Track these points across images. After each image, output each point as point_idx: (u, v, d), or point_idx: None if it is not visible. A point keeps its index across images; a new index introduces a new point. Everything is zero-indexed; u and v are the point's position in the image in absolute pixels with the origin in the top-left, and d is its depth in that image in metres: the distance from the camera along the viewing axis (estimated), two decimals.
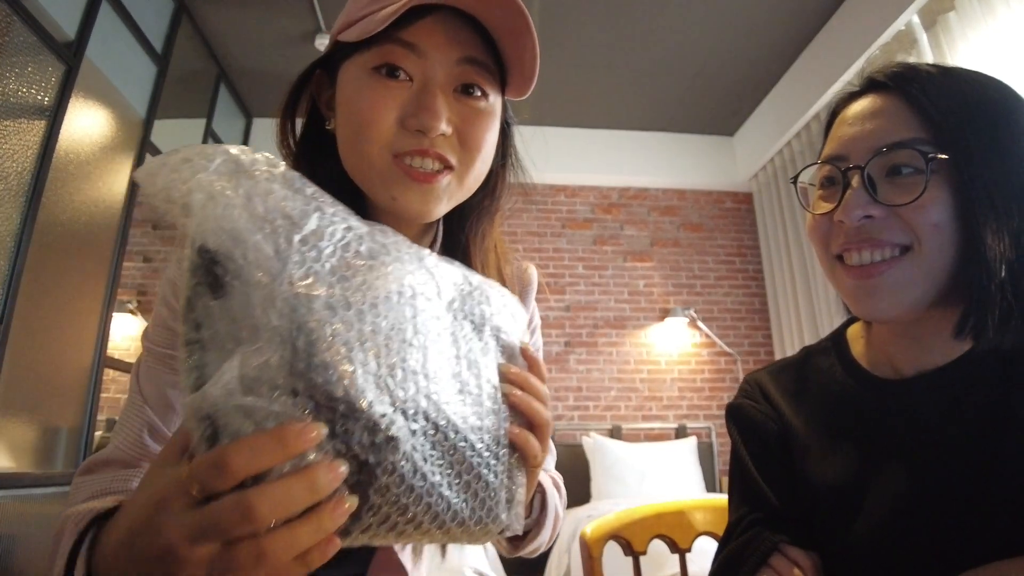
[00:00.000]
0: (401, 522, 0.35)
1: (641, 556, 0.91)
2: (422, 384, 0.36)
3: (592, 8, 2.89)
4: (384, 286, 0.36)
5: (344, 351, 0.32)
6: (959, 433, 0.53)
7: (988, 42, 2.20)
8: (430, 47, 0.51)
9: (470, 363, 0.41)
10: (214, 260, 0.32)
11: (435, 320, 0.39)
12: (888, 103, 0.55)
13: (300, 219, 0.34)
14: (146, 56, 2.55)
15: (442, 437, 0.36)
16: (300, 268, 0.32)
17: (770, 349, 3.83)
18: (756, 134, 3.83)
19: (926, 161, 0.51)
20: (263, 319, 0.31)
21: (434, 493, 0.35)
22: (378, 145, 0.51)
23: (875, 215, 0.53)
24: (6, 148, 1.79)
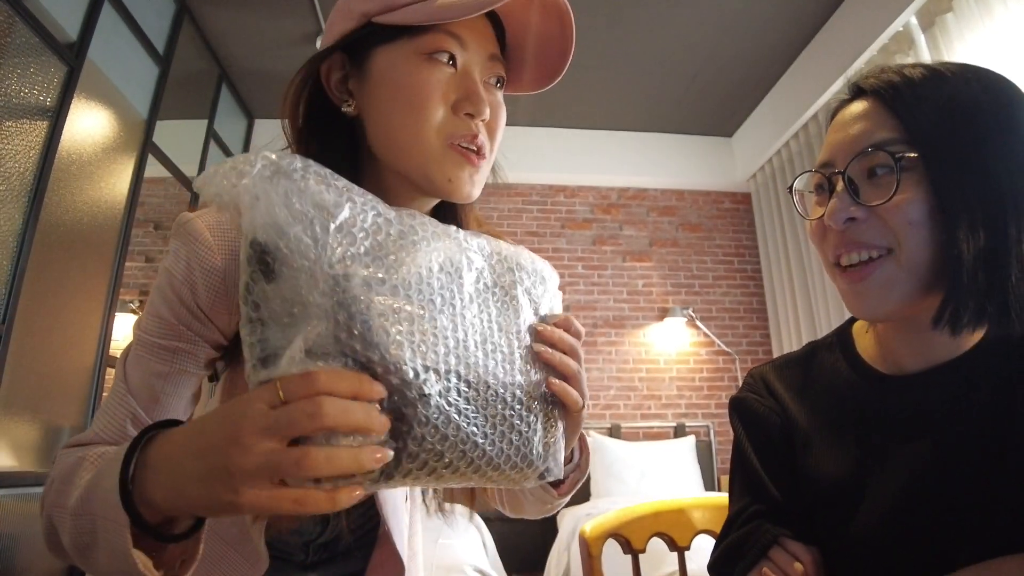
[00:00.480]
0: (439, 467, 0.40)
1: (640, 554, 0.91)
2: (452, 346, 0.41)
3: (592, 9, 2.89)
4: (414, 262, 0.41)
5: (379, 321, 0.38)
6: (962, 429, 0.54)
7: (986, 43, 2.21)
8: (471, 40, 0.56)
9: (500, 326, 0.46)
10: (264, 251, 0.37)
11: (465, 289, 0.44)
12: (868, 107, 0.57)
13: (334, 209, 0.39)
14: (148, 57, 2.56)
15: (474, 393, 0.42)
16: (337, 252, 0.38)
17: (768, 348, 3.84)
18: (754, 135, 3.84)
19: (895, 160, 0.53)
20: (309, 298, 0.37)
21: (468, 441, 0.40)
22: (434, 126, 0.54)
23: (857, 217, 0.55)
24: (8, 148, 1.79)
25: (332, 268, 0.37)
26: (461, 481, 0.43)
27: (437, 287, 0.42)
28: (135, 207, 2.46)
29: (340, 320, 0.36)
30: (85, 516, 0.41)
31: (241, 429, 0.35)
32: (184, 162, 2.87)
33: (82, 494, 0.42)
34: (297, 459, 0.34)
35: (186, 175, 2.89)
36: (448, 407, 0.40)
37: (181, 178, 2.86)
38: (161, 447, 0.40)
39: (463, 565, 2.02)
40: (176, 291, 0.52)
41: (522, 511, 0.73)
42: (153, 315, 0.53)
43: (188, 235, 0.53)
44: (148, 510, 0.40)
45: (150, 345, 0.52)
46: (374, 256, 0.40)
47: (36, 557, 1.95)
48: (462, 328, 0.43)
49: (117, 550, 0.39)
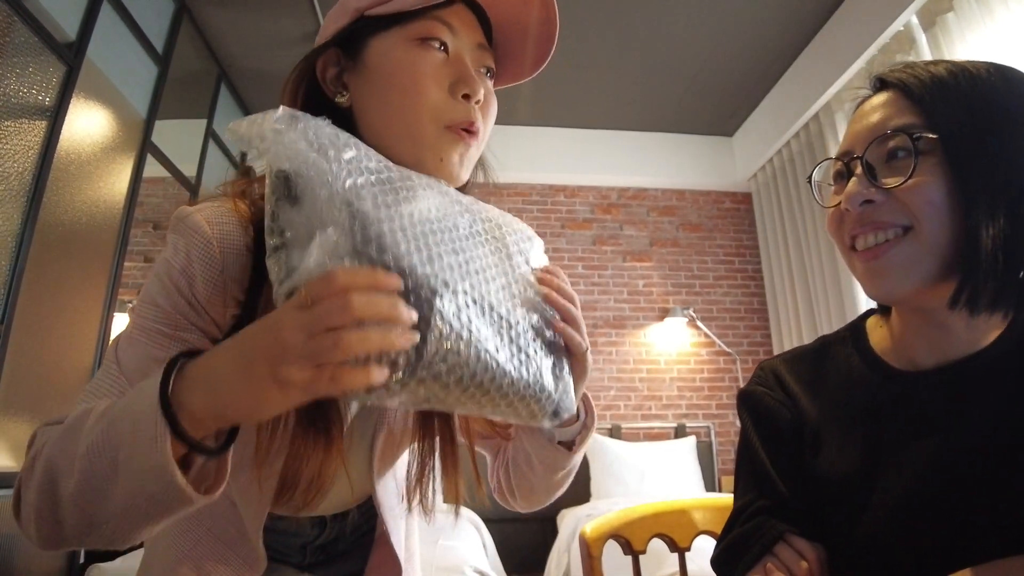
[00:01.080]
0: (457, 368, 0.43)
1: (641, 555, 0.91)
2: (456, 266, 0.45)
3: (592, 9, 2.89)
4: (415, 199, 0.46)
5: (391, 231, 0.42)
6: (974, 429, 0.53)
7: (986, 43, 2.20)
8: (460, 28, 0.58)
9: (496, 264, 0.49)
10: (288, 177, 0.42)
11: (461, 229, 0.48)
12: (888, 97, 0.58)
13: (343, 147, 0.45)
14: (147, 56, 2.55)
15: (482, 310, 0.45)
16: (349, 178, 0.43)
17: (769, 348, 3.84)
18: (755, 134, 3.84)
19: (913, 141, 0.53)
20: (328, 214, 0.41)
21: (482, 348, 0.44)
22: (429, 108, 0.55)
23: (875, 199, 0.55)
24: (7, 148, 1.79)
25: (345, 190, 0.42)
26: (478, 405, 0.46)
27: (436, 218, 0.46)
28: (134, 207, 2.46)
29: (355, 230, 0.40)
30: (106, 450, 0.41)
31: (279, 330, 0.38)
32: (183, 162, 2.86)
33: (103, 429, 0.42)
34: (333, 342, 0.37)
35: (185, 175, 2.89)
36: (461, 312, 0.43)
37: (180, 178, 2.85)
38: (199, 364, 0.42)
39: (463, 566, 2.02)
40: (174, 281, 0.52)
41: (532, 491, 0.71)
42: (150, 303, 0.53)
43: (188, 228, 0.53)
44: (189, 424, 0.41)
45: (147, 330, 0.52)
46: (381, 188, 0.44)
47: (36, 557, 1.94)
48: (463, 256, 0.46)
49: (148, 471, 0.40)
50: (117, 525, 0.43)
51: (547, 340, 0.51)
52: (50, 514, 0.44)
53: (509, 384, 0.46)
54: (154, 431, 0.40)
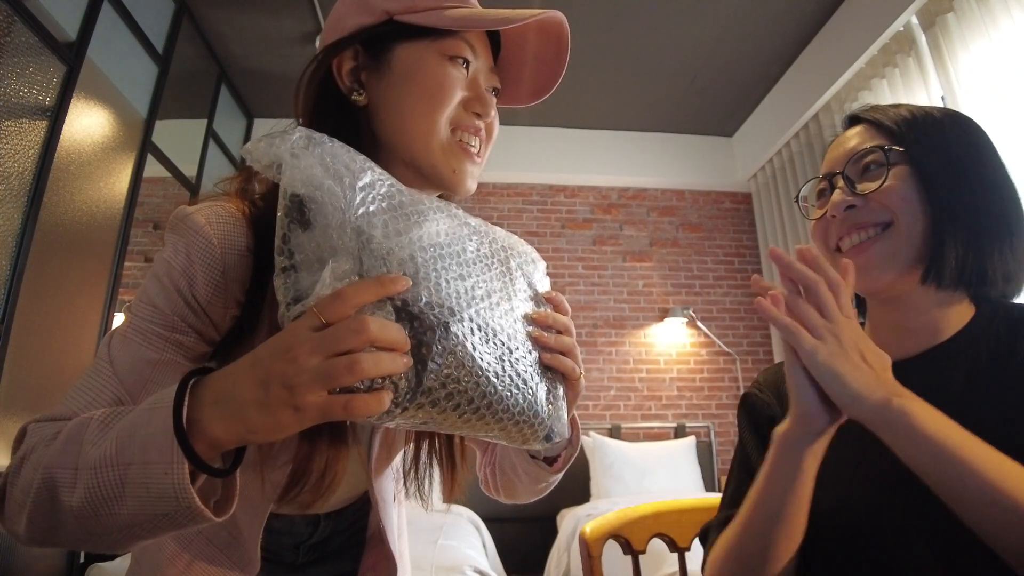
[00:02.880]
0: (456, 394, 0.44)
1: (640, 555, 0.91)
2: (463, 292, 0.46)
3: (592, 9, 2.89)
4: (425, 223, 0.47)
5: (398, 266, 0.43)
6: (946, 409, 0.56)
7: (987, 43, 2.21)
8: (480, 51, 0.62)
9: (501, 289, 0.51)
10: (302, 202, 0.43)
11: (468, 253, 0.50)
12: (861, 129, 0.70)
13: (358, 173, 0.45)
14: (147, 56, 2.56)
15: (485, 336, 0.46)
16: (361, 207, 0.44)
17: (768, 349, 3.84)
18: (755, 135, 3.84)
19: (885, 152, 0.65)
20: (338, 241, 0.42)
21: (482, 375, 0.45)
22: (445, 117, 0.59)
23: (857, 204, 0.66)
24: (7, 148, 1.79)
25: (357, 218, 0.43)
26: (472, 429, 0.47)
27: (445, 245, 0.47)
28: (134, 207, 2.46)
29: (364, 260, 0.42)
30: (114, 468, 0.41)
31: (294, 351, 0.39)
32: (183, 162, 2.87)
33: (111, 447, 0.42)
34: (349, 364, 0.38)
35: (185, 175, 2.89)
36: (466, 340, 0.44)
37: (180, 178, 2.86)
38: (213, 386, 0.42)
39: (463, 566, 2.02)
40: (174, 282, 0.52)
41: (515, 494, 0.74)
42: (147, 303, 0.52)
43: (188, 228, 0.53)
44: (203, 447, 0.41)
45: (144, 331, 0.52)
46: (392, 214, 0.45)
47: (36, 557, 1.94)
48: (470, 281, 0.48)
49: (162, 495, 0.40)
50: (119, 538, 0.43)
51: (544, 365, 0.52)
52: (45, 521, 0.44)
53: (504, 410, 0.47)
54: (170, 456, 0.40)
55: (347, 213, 0.42)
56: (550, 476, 0.66)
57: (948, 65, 2.38)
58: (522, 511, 3.30)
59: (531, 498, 0.73)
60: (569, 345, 0.54)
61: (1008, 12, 2.12)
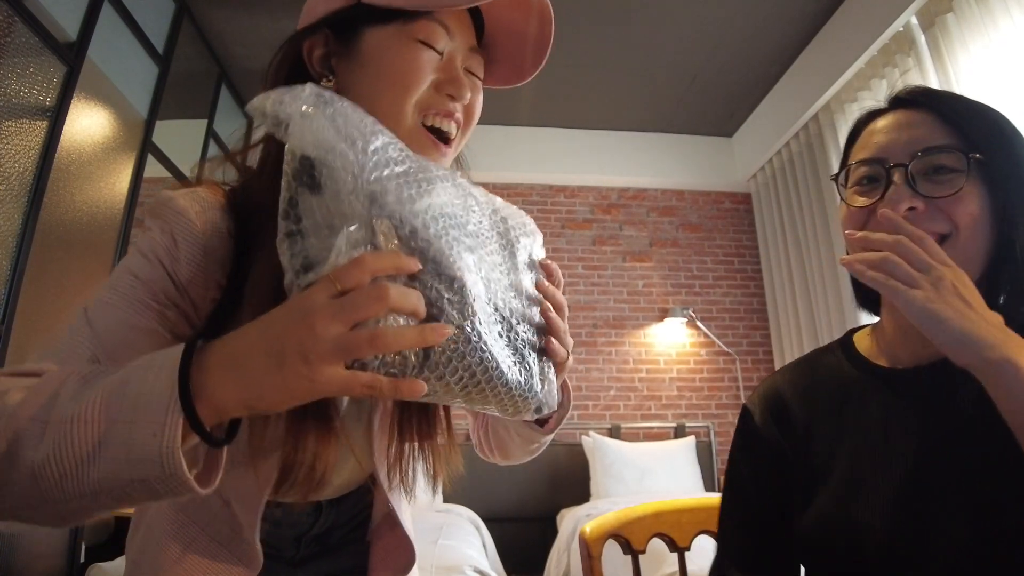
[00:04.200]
0: (461, 368, 0.43)
1: (640, 555, 0.91)
2: (470, 265, 0.45)
3: (592, 9, 2.89)
4: (435, 191, 0.46)
5: (409, 234, 0.42)
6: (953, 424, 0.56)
7: (986, 43, 2.21)
8: (457, 32, 0.59)
9: (506, 265, 0.51)
10: (312, 165, 0.41)
11: (471, 225, 0.48)
12: (919, 116, 0.62)
13: (370, 136, 0.44)
14: (147, 57, 2.56)
15: (492, 310, 0.46)
16: (374, 172, 0.42)
17: (768, 349, 3.84)
18: (755, 135, 3.84)
19: (967, 160, 0.58)
20: (350, 207, 0.40)
21: (486, 351, 0.44)
22: (413, 102, 0.57)
23: (918, 208, 0.59)
24: (8, 148, 1.79)
25: (370, 183, 0.41)
26: (471, 401, 0.47)
27: (451, 213, 0.46)
28: (135, 207, 2.46)
29: (376, 228, 0.40)
30: (92, 424, 0.38)
31: (312, 318, 0.37)
32: (184, 162, 2.86)
33: (93, 401, 0.39)
34: (370, 338, 0.37)
35: (186, 175, 2.89)
36: (476, 316, 0.44)
37: (181, 178, 2.86)
38: (220, 350, 0.40)
39: (463, 566, 2.02)
40: (159, 257, 0.52)
41: (509, 453, 0.74)
42: (129, 274, 0.52)
43: (172, 211, 0.54)
44: (206, 411, 0.39)
45: (127, 297, 0.51)
46: (404, 180, 0.44)
47: (36, 557, 1.94)
48: (477, 254, 0.47)
49: (146, 457, 0.37)
50: (74, 507, 0.40)
51: (539, 341, 0.52)
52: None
53: (503, 384, 0.47)
54: (163, 417, 0.37)
55: (360, 178, 0.41)
56: (542, 437, 0.67)
57: (948, 65, 2.38)
58: (522, 511, 3.31)
59: (525, 457, 0.74)
60: (558, 327, 0.53)
61: (1008, 13, 2.12)
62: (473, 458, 0.80)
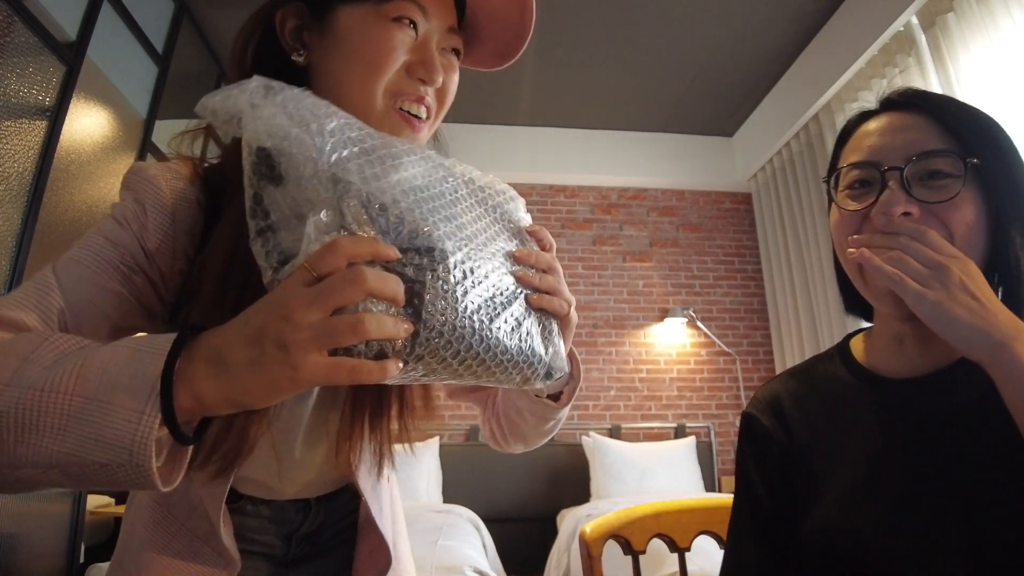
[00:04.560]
0: (455, 342, 0.42)
1: (640, 555, 0.91)
2: (449, 232, 0.43)
3: (592, 9, 2.89)
4: (401, 167, 0.44)
5: (378, 211, 0.40)
6: (951, 432, 0.56)
7: (987, 43, 2.21)
8: (433, 11, 0.58)
9: (489, 232, 0.48)
10: (269, 155, 0.40)
11: (447, 194, 0.47)
12: (912, 119, 0.60)
13: (324, 118, 0.42)
14: (147, 56, 2.56)
15: (480, 278, 0.44)
16: (333, 154, 0.40)
17: (768, 349, 3.84)
18: (755, 135, 3.84)
19: (964, 165, 0.56)
20: (314, 193, 0.39)
21: (477, 320, 0.43)
22: (383, 84, 0.56)
23: (913, 213, 0.57)
24: (7, 148, 1.79)
25: (330, 165, 0.40)
26: (474, 376, 0.45)
27: (423, 185, 0.44)
28: None
29: (344, 210, 0.39)
30: (62, 395, 0.37)
31: (288, 307, 0.36)
32: None
33: (70, 373, 0.38)
34: (352, 324, 0.36)
35: None
36: (458, 285, 0.42)
37: None
38: (207, 342, 0.39)
39: (463, 566, 2.02)
40: (129, 222, 0.53)
41: (524, 437, 0.72)
42: (100, 235, 0.52)
43: (142, 180, 0.54)
44: (187, 404, 0.38)
45: (97, 256, 0.51)
46: (365, 159, 0.42)
47: (36, 557, 1.94)
48: (455, 223, 0.45)
49: (112, 439, 0.36)
50: (25, 475, 0.38)
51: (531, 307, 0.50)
52: None
53: (503, 352, 0.45)
54: (142, 405, 0.36)
55: (319, 161, 0.39)
56: (557, 412, 0.65)
57: (948, 65, 2.38)
58: (522, 511, 3.30)
59: (541, 439, 0.72)
60: (553, 284, 0.51)
61: (1008, 12, 2.12)
62: (473, 458, 0.80)
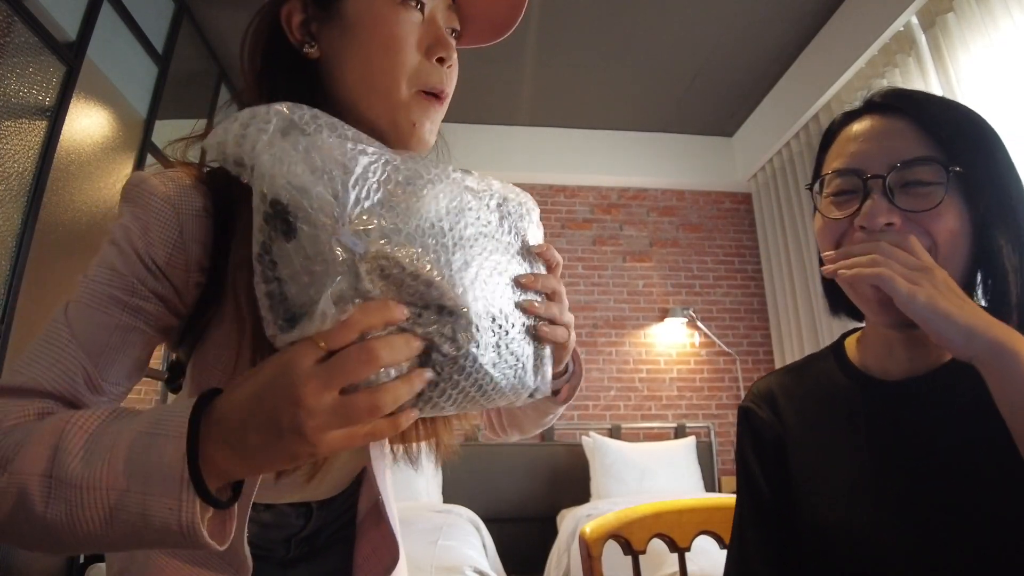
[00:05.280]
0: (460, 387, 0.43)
1: (640, 555, 0.91)
2: (467, 284, 0.43)
3: (591, 8, 2.89)
4: (424, 207, 0.42)
5: (397, 270, 0.39)
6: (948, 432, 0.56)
7: (987, 43, 2.21)
8: None
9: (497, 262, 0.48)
10: (286, 210, 0.38)
11: (468, 229, 0.46)
12: (897, 124, 0.59)
13: (351, 164, 0.40)
14: (147, 56, 2.55)
15: (490, 321, 0.44)
16: (356, 208, 0.39)
17: (768, 349, 3.84)
18: (755, 135, 3.84)
19: (947, 173, 0.56)
20: (331, 254, 0.38)
21: (482, 371, 0.43)
22: (407, 72, 0.55)
23: (895, 223, 0.57)
24: (7, 148, 1.79)
25: (352, 224, 0.38)
26: (473, 405, 0.46)
27: (446, 230, 0.43)
28: None
29: (362, 273, 0.38)
30: (101, 490, 0.38)
31: (299, 391, 0.36)
32: None
33: (101, 466, 0.38)
34: (369, 407, 0.37)
35: None
36: (470, 339, 0.42)
37: None
38: (222, 418, 0.39)
39: (463, 566, 2.02)
40: (133, 245, 0.50)
41: (522, 426, 0.73)
42: (104, 266, 0.50)
43: (143, 192, 0.52)
44: (214, 483, 0.39)
45: (99, 295, 0.49)
46: (388, 207, 0.41)
47: (36, 557, 1.94)
48: (473, 267, 0.44)
49: (162, 526, 0.38)
50: (90, 549, 0.41)
51: (534, 333, 0.50)
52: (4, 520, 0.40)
53: (495, 390, 0.46)
54: (179, 494, 0.37)
55: (341, 219, 0.38)
56: (555, 407, 0.66)
57: (948, 65, 2.38)
58: (522, 511, 3.30)
59: (537, 428, 0.73)
60: (555, 313, 0.51)
61: (1008, 13, 2.12)
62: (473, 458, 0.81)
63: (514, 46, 3.07)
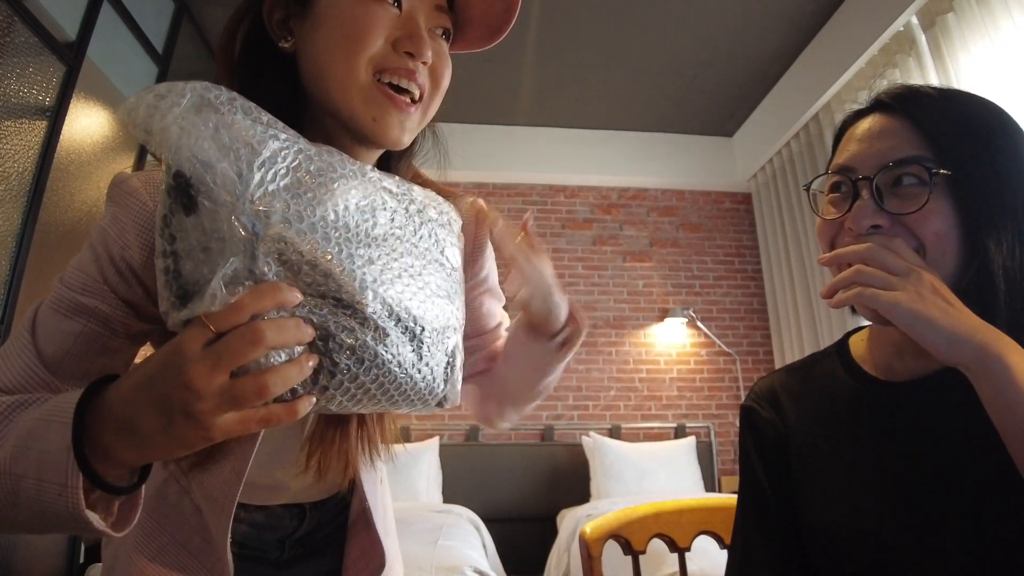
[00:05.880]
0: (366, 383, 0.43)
1: (640, 555, 0.91)
2: (369, 281, 0.42)
3: (591, 8, 2.89)
4: (332, 199, 0.42)
5: (295, 256, 0.39)
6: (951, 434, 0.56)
7: (987, 43, 2.21)
8: None
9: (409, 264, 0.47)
10: (188, 183, 0.38)
11: (379, 228, 0.45)
12: (894, 123, 0.59)
13: (259, 146, 0.40)
14: (147, 56, 2.55)
15: (399, 319, 0.44)
16: (259, 189, 0.39)
17: (769, 349, 3.84)
18: (755, 135, 3.84)
19: (930, 175, 0.55)
20: (229, 232, 0.37)
21: (384, 368, 0.43)
22: (366, 58, 0.53)
23: (882, 224, 0.57)
24: (7, 148, 1.79)
25: (254, 204, 0.38)
26: (378, 407, 0.46)
27: (352, 225, 0.43)
28: None
29: (258, 255, 0.38)
30: (5, 477, 0.39)
31: (188, 374, 0.36)
32: None
33: (6, 454, 0.40)
34: (257, 389, 0.36)
35: None
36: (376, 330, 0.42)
37: None
38: (114, 406, 0.39)
39: (463, 566, 2.02)
40: (107, 248, 0.50)
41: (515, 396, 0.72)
42: (79, 270, 0.50)
43: (124, 193, 0.52)
44: (105, 466, 0.40)
45: (68, 301, 0.49)
46: (293, 193, 0.40)
47: (36, 557, 1.94)
48: (378, 264, 0.44)
49: (55, 512, 0.39)
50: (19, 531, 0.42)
51: (446, 335, 0.50)
52: None
53: (402, 395, 0.46)
54: (63, 478, 0.38)
55: (241, 200, 0.37)
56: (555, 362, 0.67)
57: (948, 65, 2.37)
58: (522, 511, 3.30)
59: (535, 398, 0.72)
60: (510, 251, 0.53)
61: (1008, 13, 2.12)
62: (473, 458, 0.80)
63: (514, 46, 3.07)
